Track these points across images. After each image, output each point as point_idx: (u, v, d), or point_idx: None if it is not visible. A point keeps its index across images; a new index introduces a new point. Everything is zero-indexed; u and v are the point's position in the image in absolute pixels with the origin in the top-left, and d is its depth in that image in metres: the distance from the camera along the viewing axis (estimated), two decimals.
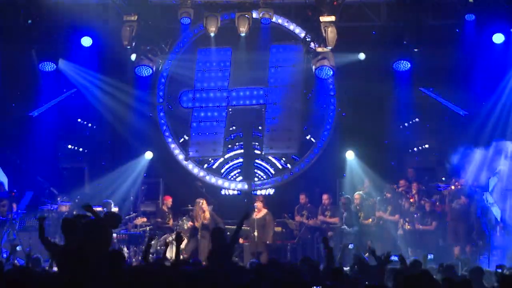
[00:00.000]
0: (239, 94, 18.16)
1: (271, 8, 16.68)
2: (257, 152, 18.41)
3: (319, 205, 16.60)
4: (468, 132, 16.81)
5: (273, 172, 18.72)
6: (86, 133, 18.91)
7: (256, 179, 18.28)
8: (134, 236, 15.83)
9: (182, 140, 18.36)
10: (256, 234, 15.72)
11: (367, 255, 11.83)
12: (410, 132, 18.31)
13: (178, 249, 8.93)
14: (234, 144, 18.69)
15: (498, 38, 15.91)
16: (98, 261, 7.30)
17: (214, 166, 18.55)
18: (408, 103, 17.71)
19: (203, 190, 17.09)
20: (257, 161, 18.72)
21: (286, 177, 18.13)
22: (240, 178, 18.49)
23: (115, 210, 15.92)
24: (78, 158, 18.86)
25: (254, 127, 18.43)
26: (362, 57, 17.39)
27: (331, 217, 16.36)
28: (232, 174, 18.85)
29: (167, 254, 14.16)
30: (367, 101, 17.32)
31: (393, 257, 8.58)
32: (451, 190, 16.01)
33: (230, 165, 18.89)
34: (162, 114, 18.23)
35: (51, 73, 16.60)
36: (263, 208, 16.03)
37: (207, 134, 18.08)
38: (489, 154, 15.78)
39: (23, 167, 17.85)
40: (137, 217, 16.58)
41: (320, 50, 16.19)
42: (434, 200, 16.23)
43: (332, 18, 15.80)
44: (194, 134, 18.14)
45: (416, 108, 18.04)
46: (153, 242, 15.26)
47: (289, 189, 17.87)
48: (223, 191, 18.23)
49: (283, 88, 18.07)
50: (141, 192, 17.71)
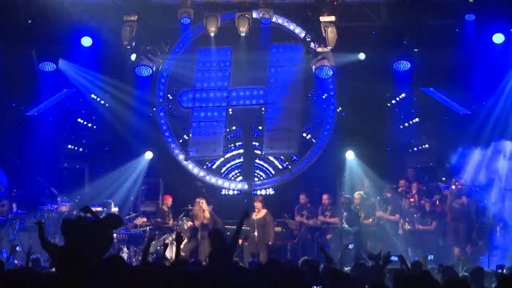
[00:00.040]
0: (239, 94, 18.16)
1: (271, 8, 16.66)
2: (257, 152, 18.41)
3: (319, 205, 16.61)
4: (468, 132, 16.82)
5: (273, 172, 18.73)
6: (86, 133, 18.92)
7: (256, 179, 18.29)
8: (134, 236, 15.84)
9: (182, 140, 18.36)
10: (256, 234, 15.73)
11: (367, 256, 11.82)
12: (410, 132, 18.31)
13: (178, 249, 8.94)
14: (234, 144, 18.70)
15: (498, 38, 15.89)
16: (98, 261, 7.30)
17: (214, 166, 18.56)
18: (408, 103, 17.72)
19: (203, 190, 17.10)
20: (257, 161, 18.74)
21: (286, 177, 18.12)
22: (240, 178, 18.50)
23: (115, 210, 15.96)
24: (78, 158, 18.87)
25: (254, 127, 18.44)
26: (362, 57, 17.37)
27: (331, 217, 16.38)
28: (232, 174, 18.87)
29: (167, 254, 14.18)
30: (367, 101, 17.32)
31: (393, 257, 8.55)
32: (453, 190, 16.01)
33: (230, 165, 18.91)
34: (162, 114, 18.22)
35: (51, 73, 16.58)
36: (263, 208, 16.04)
37: (207, 134, 18.08)
38: (488, 154, 15.78)
39: (23, 167, 17.85)
40: (137, 217, 16.61)
41: (320, 50, 16.16)
42: (434, 200, 16.24)
43: (332, 18, 15.78)
44: (194, 134, 18.14)
45: (416, 108, 18.07)
46: (153, 242, 15.29)
47: (289, 189, 17.88)
48: (223, 191, 18.22)
49: (283, 88, 18.06)
50: (141, 192, 17.71)
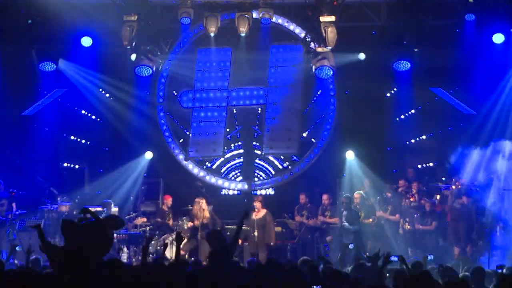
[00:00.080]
0: (239, 94, 18.15)
1: (271, 8, 16.66)
2: (257, 152, 18.41)
3: (319, 205, 16.60)
4: (468, 132, 16.83)
5: (273, 172, 18.74)
6: (86, 133, 18.90)
7: (256, 179, 18.29)
8: (134, 236, 15.83)
9: (182, 140, 18.36)
10: (256, 234, 15.72)
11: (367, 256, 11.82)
12: (410, 132, 18.31)
13: (178, 249, 8.93)
14: (234, 144, 18.69)
15: (498, 38, 15.89)
16: (98, 261, 7.30)
17: (214, 166, 18.56)
18: (408, 103, 17.71)
19: (203, 190, 17.09)
20: (257, 161, 18.73)
21: (286, 177, 18.12)
22: (240, 178, 18.50)
23: (115, 210, 15.95)
24: (78, 158, 18.87)
25: (254, 127, 18.44)
26: (362, 57, 17.37)
27: (331, 217, 16.38)
28: (232, 174, 18.86)
29: (167, 254, 14.17)
30: (367, 101, 17.32)
31: (393, 257, 8.55)
32: (453, 190, 16.01)
33: (230, 165, 18.91)
34: (162, 114, 18.22)
35: (51, 73, 16.59)
36: (262, 208, 16.03)
37: (207, 134, 18.07)
38: (487, 154, 15.78)
39: (23, 167, 17.85)
40: (137, 217, 16.60)
41: (320, 50, 16.17)
42: (434, 200, 16.24)
43: (332, 18, 15.78)
44: (194, 134, 18.14)
45: (416, 108, 18.06)
46: (153, 242, 15.29)
47: (289, 189, 17.87)
48: (223, 191, 18.22)
49: (283, 88, 18.05)
50: (141, 192, 17.71)
